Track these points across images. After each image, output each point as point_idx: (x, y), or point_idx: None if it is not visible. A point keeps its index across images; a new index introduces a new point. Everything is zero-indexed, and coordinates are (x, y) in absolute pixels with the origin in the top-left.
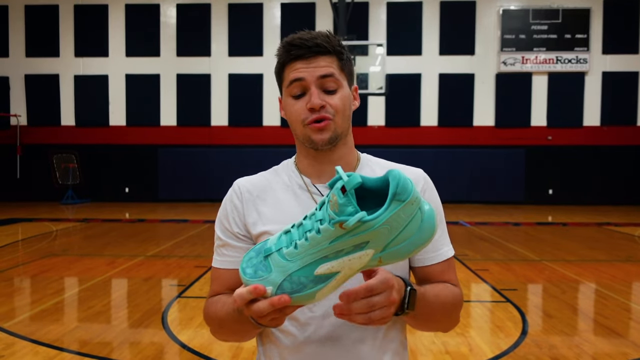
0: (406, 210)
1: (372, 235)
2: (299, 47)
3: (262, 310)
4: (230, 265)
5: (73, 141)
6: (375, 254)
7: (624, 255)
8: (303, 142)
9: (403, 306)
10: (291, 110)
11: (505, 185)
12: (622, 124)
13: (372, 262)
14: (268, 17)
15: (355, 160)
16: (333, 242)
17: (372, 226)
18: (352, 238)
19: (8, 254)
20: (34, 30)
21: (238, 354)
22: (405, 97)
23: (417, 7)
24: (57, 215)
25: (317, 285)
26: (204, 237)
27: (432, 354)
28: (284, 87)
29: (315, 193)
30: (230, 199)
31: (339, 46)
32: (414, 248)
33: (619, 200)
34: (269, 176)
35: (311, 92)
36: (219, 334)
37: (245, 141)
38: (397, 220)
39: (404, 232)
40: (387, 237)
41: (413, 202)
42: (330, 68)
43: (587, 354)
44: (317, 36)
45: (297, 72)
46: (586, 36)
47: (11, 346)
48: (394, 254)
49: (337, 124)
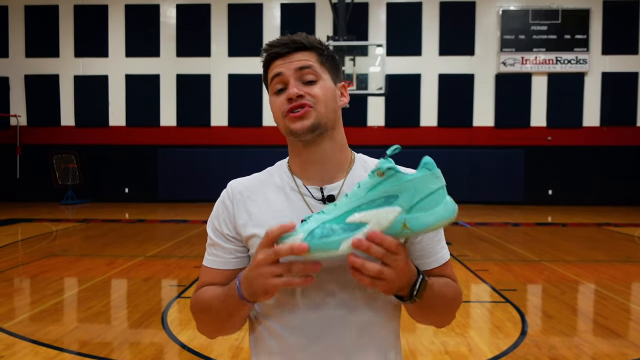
0: (431, 179)
1: (401, 188)
2: (277, 46)
3: (280, 251)
4: (217, 265)
5: (73, 141)
6: (401, 214)
7: (623, 255)
8: (287, 135)
9: (412, 293)
10: (274, 106)
11: (505, 185)
12: (622, 125)
13: (397, 225)
14: (268, 17)
15: (348, 160)
16: (369, 192)
17: (401, 178)
18: (384, 187)
19: (8, 254)
20: (33, 30)
21: (238, 354)
22: (404, 98)
23: (416, 8)
24: (57, 215)
25: (345, 233)
26: (204, 238)
27: (431, 354)
28: (269, 87)
29: (307, 194)
30: (222, 201)
31: (319, 43)
32: (435, 220)
33: (618, 201)
34: (262, 177)
35: (290, 84)
36: (203, 322)
37: (245, 141)
38: (423, 184)
39: (429, 199)
40: (414, 195)
41: (438, 177)
42: (308, 61)
43: (587, 355)
44: (295, 36)
45: (276, 68)
46: (586, 37)
47: (11, 346)
48: (418, 220)
49: (319, 112)
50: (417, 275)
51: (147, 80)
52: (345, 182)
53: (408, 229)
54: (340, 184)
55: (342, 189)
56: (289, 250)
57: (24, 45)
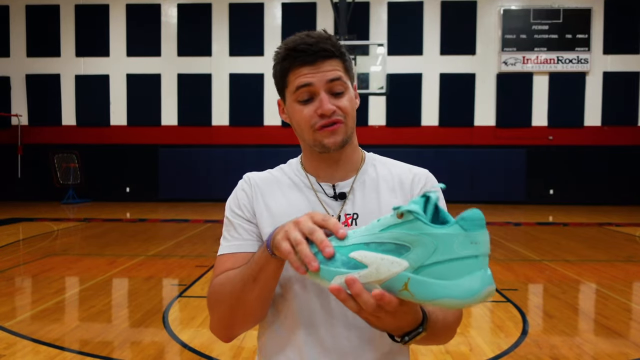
0: (461, 242)
1: (416, 241)
2: (305, 53)
3: (313, 234)
4: (236, 249)
5: (74, 141)
6: (407, 271)
7: (624, 255)
8: (313, 147)
9: (403, 337)
10: (300, 115)
11: (506, 185)
12: (623, 124)
13: (399, 281)
14: (269, 16)
15: (359, 160)
16: (383, 231)
17: (420, 228)
18: (397, 231)
19: (9, 254)
20: (35, 30)
21: (239, 354)
22: (406, 97)
23: (418, 7)
24: (58, 214)
25: (342, 268)
26: (205, 237)
27: (432, 354)
28: (288, 92)
29: (320, 191)
30: (240, 187)
31: (343, 49)
32: (445, 295)
33: (620, 201)
34: (276, 173)
35: (321, 98)
36: (217, 313)
37: (246, 141)
38: (447, 244)
39: (449, 265)
40: (429, 254)
41: (474, 242)
42: (338, 72)
43: (588, 354)
44: (320, 39)
45: (304, 78)
46: (587, 36)
47: (12, 346)
48: (424, 286)
49: (348, 126)
50: (419, 323)
51: (148, 79)
52: (356, 179)
53: (408, 291)
54: (351, 182)
55: (353, 187)
56: (317, 240)
57: (25, 44)
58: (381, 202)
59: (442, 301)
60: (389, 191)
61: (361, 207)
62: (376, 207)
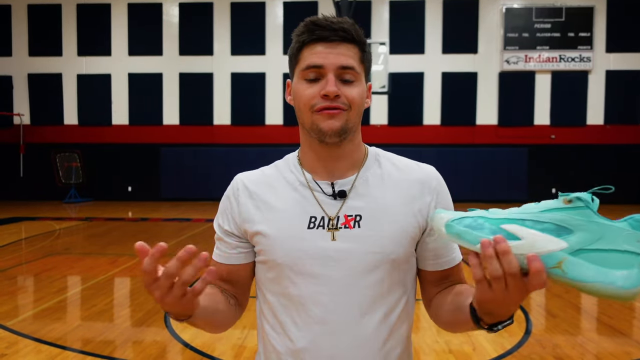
0: (629, 238)
1: (582, 226)
2: (324, 29)
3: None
4: (221, 259)
5: (76, 140)
6: (564, 251)
7: None
8: (309, 131)
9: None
10: (302, 94)
11: (508, 184)
12: (626, 123)
13: (552, 259)
14: (270, 16)
15: (362, 157)
16: (543, 212)
17: (589, 216)
18: (562, 214)
19: (11, 253)
20: (37, 29)
21: (240, 353)
22: (408, 96)
23: (419, 6)
24: (59, 214)
25: (492, 234)
26: (207, 236)
27: (435, 353)
28: (297, 69)
29: (317, 190)
30: (227, 196)
31: (363, 37)
32: (596, 280)
33: (622, 199)
34: (269, 171)
35: (328, 79)
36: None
37: (247, 140)
38: (615, 236)
39: (609, 255)
40: (592, 240)
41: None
42: (352, 59)
43: (591, 353)
44: (343, 22)
45: (316, 57)
46: (590, 34)
47: (14, 344)
48: (579, 268)
49: (349, 116)
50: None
51: (150, 78)
52: (358, 177)
53: (562, 269)
54: (353, 179)
55: (354, 185)
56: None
57: (27, 44)
58: (387, 200)
59: (593, 285)
60: (394, 188)
61: (365, 206)
62: (382, 205)
